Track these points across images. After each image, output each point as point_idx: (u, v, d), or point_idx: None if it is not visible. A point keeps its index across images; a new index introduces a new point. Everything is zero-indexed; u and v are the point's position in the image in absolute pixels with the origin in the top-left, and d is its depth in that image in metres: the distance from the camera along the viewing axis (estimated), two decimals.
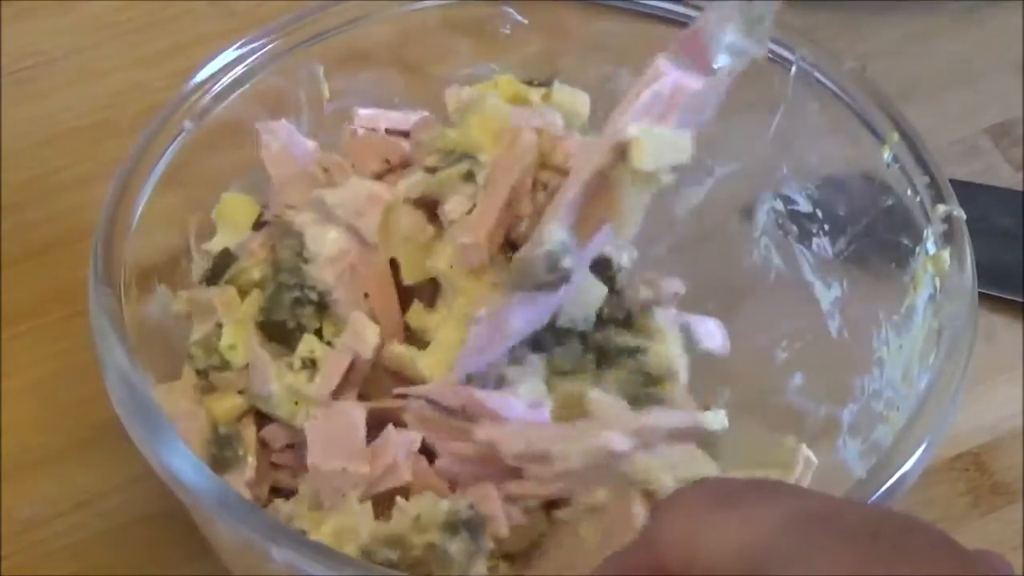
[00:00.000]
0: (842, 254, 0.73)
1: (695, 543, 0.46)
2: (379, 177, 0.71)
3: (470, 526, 0.61)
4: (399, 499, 0.63)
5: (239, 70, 0.72)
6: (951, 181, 0.69)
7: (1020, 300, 0.80)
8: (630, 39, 0.75)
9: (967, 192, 0.69)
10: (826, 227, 0.73)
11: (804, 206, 0.74)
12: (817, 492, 0.56)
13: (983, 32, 0.92)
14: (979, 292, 0.65)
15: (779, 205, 0.75)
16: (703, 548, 0.45)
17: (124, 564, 0.71)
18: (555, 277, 0.63)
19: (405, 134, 0.72)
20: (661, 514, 0.48)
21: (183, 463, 0.59)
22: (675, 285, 0.71)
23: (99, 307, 0.63)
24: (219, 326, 0.68)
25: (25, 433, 0.75)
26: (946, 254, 0.66)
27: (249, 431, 0.67)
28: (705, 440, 0.65)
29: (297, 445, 0.67)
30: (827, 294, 0.73)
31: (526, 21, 0.75)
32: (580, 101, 0.73)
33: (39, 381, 0.77)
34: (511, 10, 0.75)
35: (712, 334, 0.71)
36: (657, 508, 0.48)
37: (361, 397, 0.67)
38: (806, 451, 0.67)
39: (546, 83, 0.73)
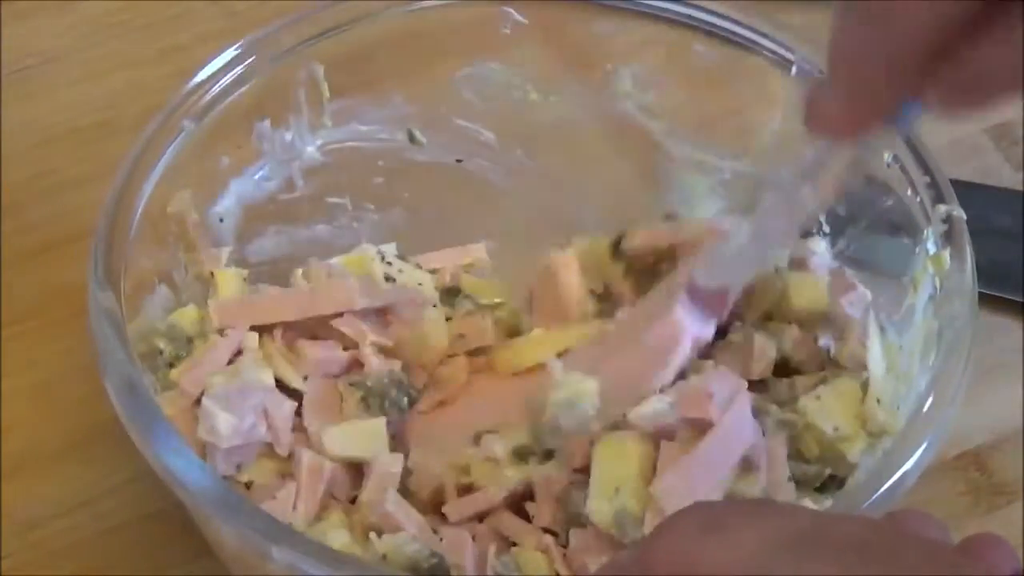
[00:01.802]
0: (842, 254, 0.72)
1: (687, 568, 0.46)
2: None
3: (434, 574, 0.61)
4: (372, 535, 0.63)
5: (239, 70, 0.71)
6: (951, 181, 0.69)
7: (1020, 300, 0.80)
8: (630, 39, 0.75)
9: (967, 192, 0.69)
10: (826, 227, 0.73)
11: None
12: (804, 508, 0.56)
13: None
14: (979, 292, 0.65)
15: None
16: (695, 573, 0.45)
17: (124, 564, 0.71)
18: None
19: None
20: (654, 539, 0.48)
21: (183, 462, 0.59)
22: None
23: (98, 307, 0.63)
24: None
25: (25, 433, 0.75)
26: (946, 254, 0.66)
27: None
28: None
29: None
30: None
31: (526, 21, 0.75)
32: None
33: (39, 381, 0.77)
34: (511, 10, 0.75)
35: None
36: (649, 534, 0.48)
37: None
38: None
39: None
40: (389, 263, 0.73)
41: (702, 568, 0.45)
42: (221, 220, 0.73)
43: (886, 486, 0.59)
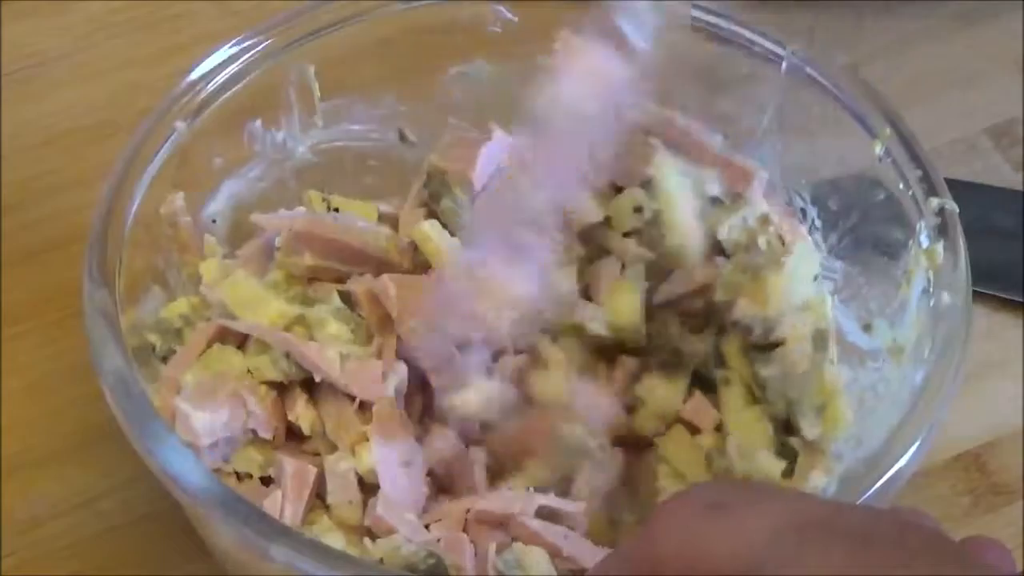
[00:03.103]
0: (835, 249, 0.72)
1: (692, 551, 0.46)
2: None
3: (432, 574, 0.61)
4: (366, 540, 0.63)
5: (230, 71, 0.72)
6: (951, 181, 0.68)
7: (1020, 300, 0.80)
8: None
9: (967, 192, 0.69)
10: (818, 222, 0.73)
11: (796, 201, 0.74)
12: (809, 494, 0.56)
13: (983, 32, 0.92)
14: (979, 292, 0.65)
15: None
16: (700, 556, 0.46)
17: (124, 564, 0.71)
18: None
19: None
20: (658, 521, 0.48)
21: (179, 462, 0.59)
22: None
23: (93, 307, 0.64)
24: None
25: (25, 433, 0.75)
26: (939, 247, 0.66)
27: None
28: None
29: None
30: None
31: (516, 19, 0.75)
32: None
33: (39, 381, 0.77)
34: (502, 8, 0.75)
35: None
36: (654, 515, 0.48)
37: None
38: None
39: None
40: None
41: (709, 551, 0.45)
42: (214, 221, 0.73)
43: (882, 480, 0.59)
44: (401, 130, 0.77)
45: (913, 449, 0.60)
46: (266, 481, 0.67)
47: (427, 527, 0.65)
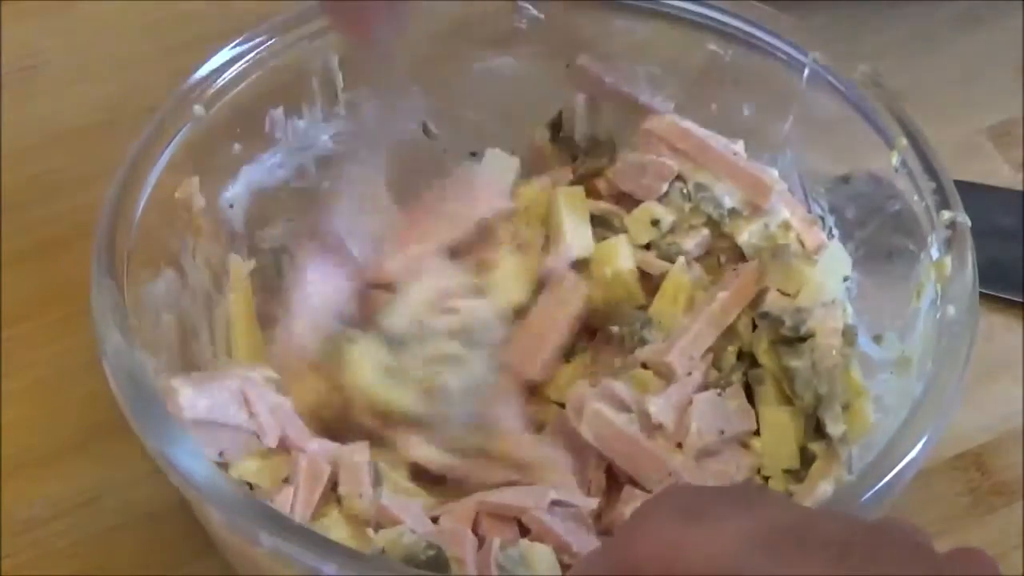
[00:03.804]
0: (850, 258, 0.73)
1: (669, 557, 0.46)
2: None
3: (432, 565, 0.61)
4: (368, 530, 0.63)
5: (253, 57, 0.72)
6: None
7: (1020, 300, 0.80)
8: (646, 37, 0.75)
9: (967, 192, 0.69)
10: (836, 231, 0.74)
11: (815, 209, 0.74)
12: (787, 501, 0.56)
13: (983, 32, 0.92)
14: (979, 292, 0.65)
15: None
16: (676, 563, 0.45)
17: (125, 564, 0.71)
18: None
19: None
20: (633, 526, 0.48)
21: (177, 448, 0.59)
22: None
23: (100, 290, 0.63)
24: None
25: (25, 433, 0.75)
26: (948, 260, 0.66)
27: None
28: None
29: None
30: None
31: (542, 16, 0.75)
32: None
33: (39, 381, 0.77)
34: (528, 5, 0.75)
35: None
36: (631, 518, 0.48)
37: None
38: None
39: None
40: None
41: (685, 559, 0.45)
42: (231, 206, 0.73)
43: (882, 483, 0.59)
44: (425, 123, 0.77)
45: (914, 452, 0.60)
46: None
47: (436, 520, 0.65)
